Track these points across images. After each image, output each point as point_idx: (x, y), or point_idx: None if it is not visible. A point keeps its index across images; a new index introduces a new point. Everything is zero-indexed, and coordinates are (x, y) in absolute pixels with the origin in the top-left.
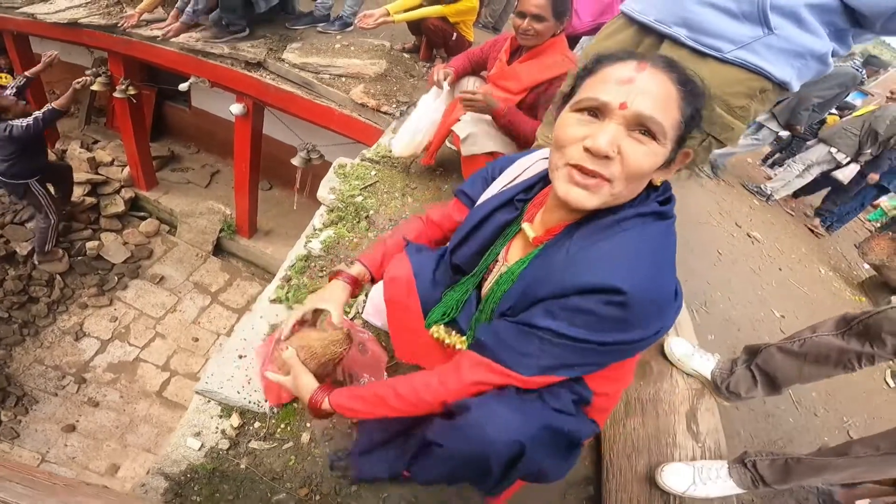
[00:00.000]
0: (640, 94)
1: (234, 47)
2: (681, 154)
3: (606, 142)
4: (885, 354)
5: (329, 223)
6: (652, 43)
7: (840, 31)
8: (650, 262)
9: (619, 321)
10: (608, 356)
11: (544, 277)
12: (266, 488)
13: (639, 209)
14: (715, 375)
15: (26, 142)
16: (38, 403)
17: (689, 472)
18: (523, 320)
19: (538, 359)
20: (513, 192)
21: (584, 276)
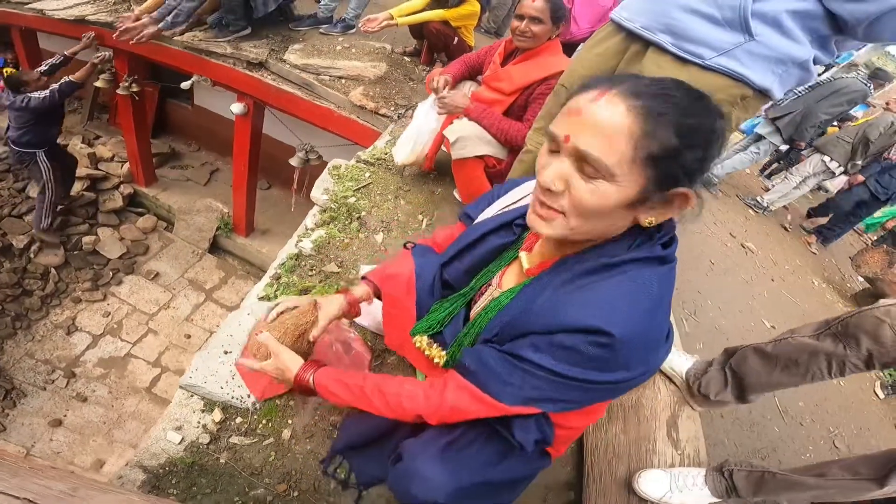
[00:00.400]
0: (584, 128)
1: (237, 47)
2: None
3: (549, 177)
4: (856, 360)
5: (321, 223)
6: (638, 50)
7: (823, 38)
8: (643, 307)
9: (604, 361)
10: (591, 394)
11: (533, 311)
12: (244, 483)
13: (637, 253)
14: (689, 375)
15: (42, 112)
16: (27, 397)
17: (665, 479)
18: (510, 350)
19: (521, 389)
20: (513, 216)
21: (574, 315)
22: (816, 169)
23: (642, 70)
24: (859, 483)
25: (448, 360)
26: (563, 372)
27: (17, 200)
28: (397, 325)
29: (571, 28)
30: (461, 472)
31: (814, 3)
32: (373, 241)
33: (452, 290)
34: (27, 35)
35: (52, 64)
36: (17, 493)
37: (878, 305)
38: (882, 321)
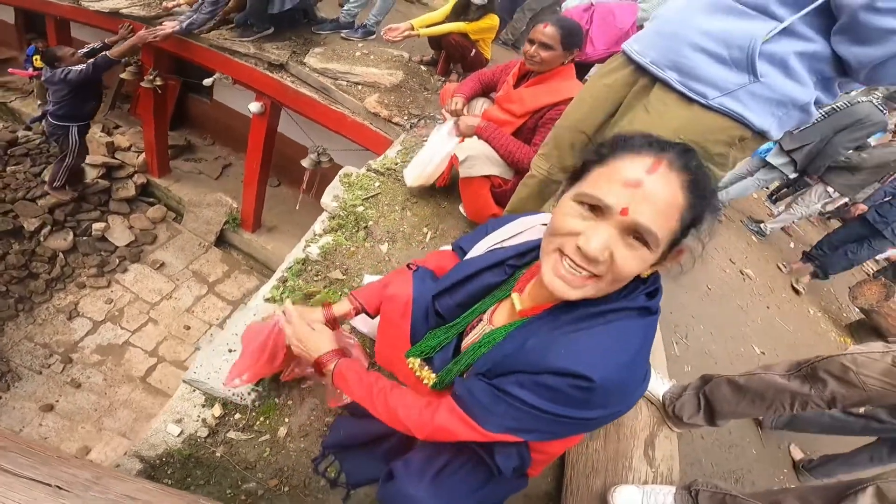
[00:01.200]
0: (643, 202)
1: (260, 47)
2: (674, 252)
3: (598, 248)
4: (818, 400)
5: (329, 230)
6: (646, 84)
7: (827, 80)
8: (625, 356)
9: (582, 401)
10: (565, 427)
11: (523, 352)
12: (238, 477)
13: (624, 304)
14: (665, 397)
15: (78, 85)
16: (21, 380)
17: (638, 496)
18: (497, 384)
19: (503, 419)
20: (505, 255)
21: (560, 360)
22: (821, 199)
23: (648, 105)
24: None
25: (436, 383)
26: (543, 407)
27: (32, 184)
28: (389, 344)
29: (587, 49)
30: (450, 497)
31: (822, 45)
32: (378, 251)
33: (444, 319)
34: (61, 25)
35: (93, 48)
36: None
37: (846, 353)
38: (848, 368)
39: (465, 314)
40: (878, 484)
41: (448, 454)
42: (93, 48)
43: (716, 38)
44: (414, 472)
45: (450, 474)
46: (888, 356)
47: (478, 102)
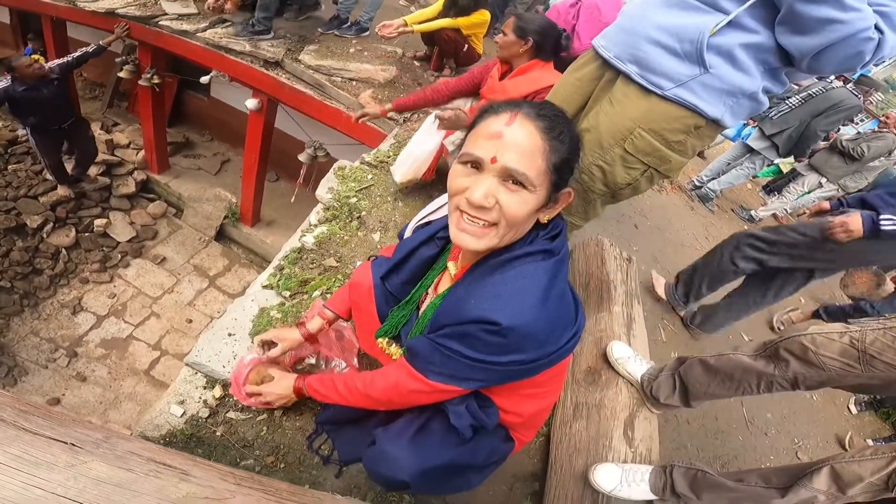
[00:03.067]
0: (507, 149)
1: (256, 45)
2: (563, 194)
3: (482, 194)
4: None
5: (324, 220)
6: (611, 77)
7: (773, 70)
8: (531, 298)
9: (499, 346)
10: (495, 374)
11: (449, 309)
12: (236, 454)
13: (526, 249)
14: (643, 379)
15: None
16: (28, 375)
17: (617, 473)
18: (433, 338)
19: (441, 368)
20: (435, 229)
21: (473, 310)
22: (812, 187)
23: (612, 97)
24: (768, 491)
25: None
26: (468, 354)
27: (34, 182)
28: (364, 329)
29: (574, 44)
30: (425, 455)
31: (766, 36)
32: (370, 240)
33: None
34: (57, 25)
35: (86, 52)
36: (65, 438)
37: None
38: (807, 347)
39: (415, 290)
40: (832, 464)
41: (425, 417)
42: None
43: (669, 33)
44: (393, 433)
45: (426, 434)
46: (846, 336)
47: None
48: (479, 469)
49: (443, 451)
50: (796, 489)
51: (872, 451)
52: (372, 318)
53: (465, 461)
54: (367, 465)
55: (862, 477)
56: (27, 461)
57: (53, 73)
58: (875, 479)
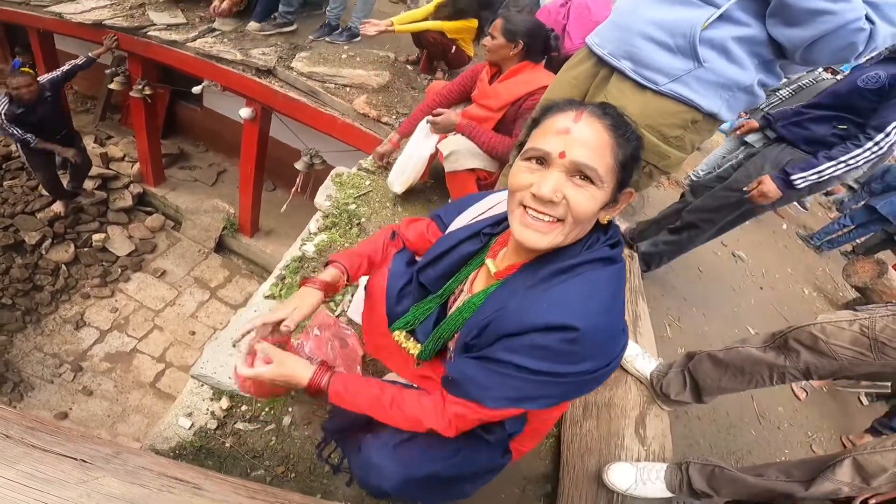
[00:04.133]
0: (576, 144)
1: (247, 54)
2: (624, 194)
3: (550, 189)
4: (794, 371)
5: (323, 228)
6: (606, 75)
7: (768, 62)
8: (600, 304)
9: (572, 354)
10: (563, 387)
11: (505, 315)
12: (247, 465)
13: (589, 256)
14: (653, 376)
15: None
16: (34, 390)
17: (632, 472)
18: (487, 355)
19: (501, 392)
20: (481, 226)
21: (543, 316)
22: None
23: (607, 94)
24: (790, 484)
25: (421, 352)
26: (535, 367)
27: (30, 198)
28: (373, 332)
29: (565, 43)
30: (410, 465)
31: (758, 29)
32: None
33: (427, 291)
34: (45, 37)
35: (75, 64)
36: (74, 454)
37: (815, 322)
38: (817, 337)
39: (447, 284)
40: (855, 455)
41: None
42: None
43: (662, 28)
44: (379, 442)
45: (411, 444)
46: (855, 324)
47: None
48: (472, 479)
49: (427, 463)
50: (820, 481)
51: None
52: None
53: (451, 473)
54: (354, 472)
55: (885, 468)
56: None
57: (45, 91)
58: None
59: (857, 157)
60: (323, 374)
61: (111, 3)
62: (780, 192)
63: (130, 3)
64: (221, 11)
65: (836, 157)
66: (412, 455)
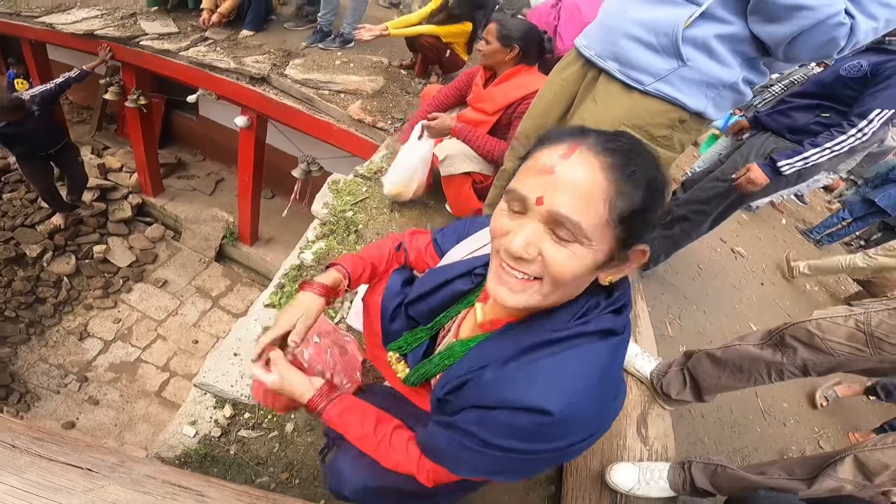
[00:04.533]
0: (558, 189)
1: (240, 62)
2: (635, 252)
3: (520, 244)
4: (792, 368)
5: (321, 236)
6: (594, 76)
7: (751, 60)
8: (586, 384)
9: (543, 435)
10: (533, 464)
11: (480, 383)
12: (251, 472)
13: (582, 328)
14: (653, 375)
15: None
16: (41, 401)
17: (635, 472)
18: (457, 425)
19: (472, 465)
20: (475, 263)
21: (517, 394)
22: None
23: (596, 95)
24: (792, 482)
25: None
26: (505, 445)
27: (30, 210)
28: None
29: (557, 44)
30: (369, 475)
31: (740, 26)
32: None
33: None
34: (37, 48)
35: (69, 77)
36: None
37: (812, 318)
38: (813, 333)
39: (437, 318)
40: (856, 453)
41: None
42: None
43: (646, 28)
44: (346, 448)
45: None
46: (850, 320)
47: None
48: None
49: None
50: (822, 479)
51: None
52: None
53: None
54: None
55: (888, 465)
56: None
57: (34, 105)
58: None
59: (841, 143)
60: (321, 399)
61: (102, 13)
62: (768, 178)
63: (122, 13)
64: (212, 24)
65: (821, 144)
66: (373, 467)
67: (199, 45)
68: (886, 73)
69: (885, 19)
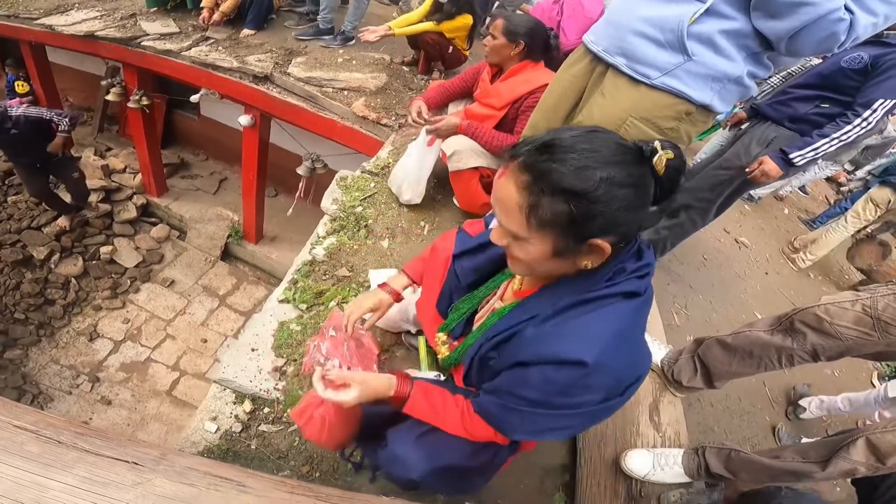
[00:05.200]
0: (497, 203)
1: (242, 61)
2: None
3: (495, 238)
4: (802, 353)
5: (332, 231)
6: (602, 71)
7: (755, 54)
8: (615, 338)
9: (585, 387)
10: (580, 419)
11: (521, 340)
12: (273, 466)
13: (611, 290)
14: (663, 363)
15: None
16: (53, 401)
17: (649, 458)
18: (502, 388)
19: (522, 426)
20: None
21: (555, 349)
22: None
23: (604, 89)
24: (806, 465)
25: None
26: (550, 401)
27: (36, 213)
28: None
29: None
30: (434, 456)
31: (744, 22)
32: (380, 247)
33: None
34: (37, 49)
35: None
36: (126, 457)
37: (820, 303)
38: (822, 318)
39: (482, 288)
40: (867, 435)
41: None
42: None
43: (653, 24)
44: (401, 434)
45: (432, 435)
46: (858, 304)
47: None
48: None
49: (450, 455)
50: (836, 461)
51: None
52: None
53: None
54: (383, 466)
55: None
56: (96, 482)
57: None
58: None
59: (848, 132)
60: (406, 385)
61: (101, 14)
62: (781, 170)
63: (121, 14)
64: (213, 22)
65: (829, 134)
66: (435, 448)
67: (200, 45)
68: (887, 65)
69: (883, 15)
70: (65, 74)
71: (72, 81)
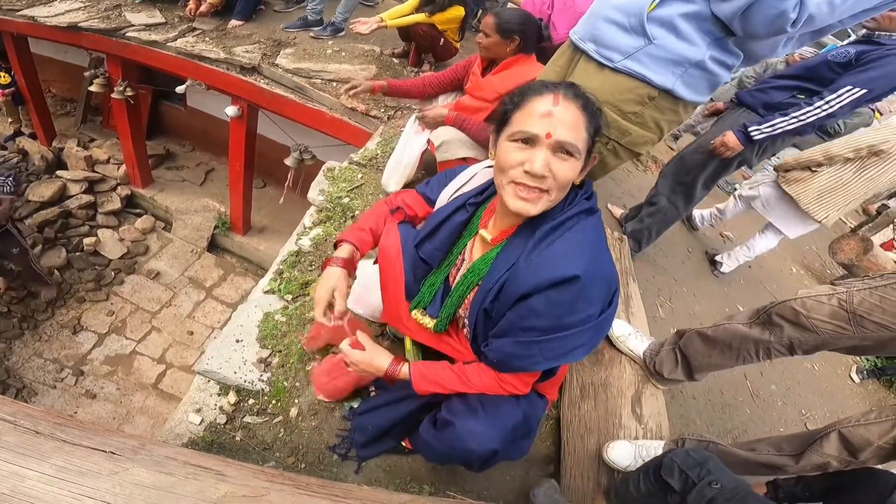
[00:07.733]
0: (559, 125)
1: (230, 52)
2: (591, 159)
3: (541, 165)
4: (779, 346)
5: (318, 222)
6: (578, 59)
7: (718, 39)
8: (591, 249)
9: (586, 299)
10: (590, 333)
11: (517, 275)
12: (258, 457)
13: (574, 210)
14: (645, 355)
15: None
16: (37, 395)
17: (631, 450)
18: (512, 327)
19: (542, 356)
20: (466, 197)
21: (550, 273)
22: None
23: (574, 75)
24: (780, 458)
25: (436, 324)
26: (559, 323)
27: (17, 204)
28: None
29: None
30: (498, 423)
31: (702, 5)
32: None
33: (428, 265)
34: (19, 41)
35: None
36: (103, 447)
37: (797, 297)
38: (798, 312)
39: (448, 258)
40: (840, 429)
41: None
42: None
43: (620, 10)
44: (464, 411)
45: (492, 403)
46: (834, 298)
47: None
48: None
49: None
50: (808, 455)
51: (876, 414)
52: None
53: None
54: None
55: (870, 441)
56: (73, 471)
57: None
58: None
59: (807, 112)
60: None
61: (85, 4)
62: (740, 143)
63: (105, 5)
64: (200, 13)
65: (789, 114)
66: (497, 416)
67: (187, 36)
68: (868, 59)
69: None
70: (47, 65)
71: (54, 72)
